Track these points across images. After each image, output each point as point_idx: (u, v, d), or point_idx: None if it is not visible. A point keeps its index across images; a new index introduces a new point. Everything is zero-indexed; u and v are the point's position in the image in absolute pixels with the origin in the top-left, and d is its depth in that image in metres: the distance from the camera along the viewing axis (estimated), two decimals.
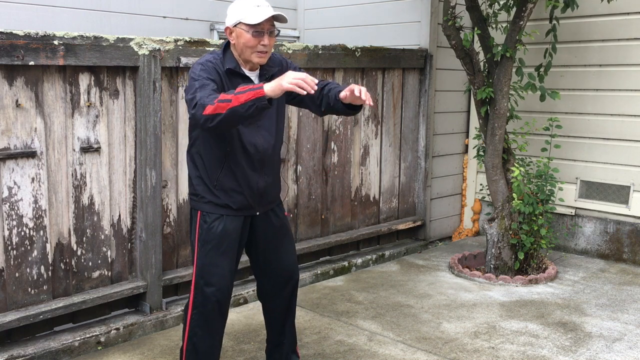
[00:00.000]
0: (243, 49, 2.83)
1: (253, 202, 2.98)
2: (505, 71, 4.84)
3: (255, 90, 2.54)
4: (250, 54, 2.83)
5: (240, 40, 2.82)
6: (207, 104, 2.57)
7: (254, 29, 2.78)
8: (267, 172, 3.00)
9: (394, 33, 5.93)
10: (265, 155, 2.96)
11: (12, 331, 3.52)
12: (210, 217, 2.93)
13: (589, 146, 5.56)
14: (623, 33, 5.28)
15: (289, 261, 3.17)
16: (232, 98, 2.55)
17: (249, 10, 2.78)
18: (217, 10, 6.08)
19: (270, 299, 3.22)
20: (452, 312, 4.32)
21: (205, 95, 2.62)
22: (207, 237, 2.93)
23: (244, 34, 2.80)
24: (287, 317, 3.26)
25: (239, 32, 2.81)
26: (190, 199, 3.04)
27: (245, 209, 2.97)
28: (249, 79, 2.90)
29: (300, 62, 4.69)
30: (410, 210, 5.91)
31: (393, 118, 5.61)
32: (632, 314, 4.30)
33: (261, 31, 2.79)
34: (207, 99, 2.59)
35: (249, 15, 2.77)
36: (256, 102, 2.53)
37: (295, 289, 3.23)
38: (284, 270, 3.16)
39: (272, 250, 3.12)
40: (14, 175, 3.43)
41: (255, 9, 2.78)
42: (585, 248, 5.66)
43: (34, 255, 3.55)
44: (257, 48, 2.82)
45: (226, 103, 2.54)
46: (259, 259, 3.16)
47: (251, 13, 2.77)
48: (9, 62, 3.29)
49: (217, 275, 2.93)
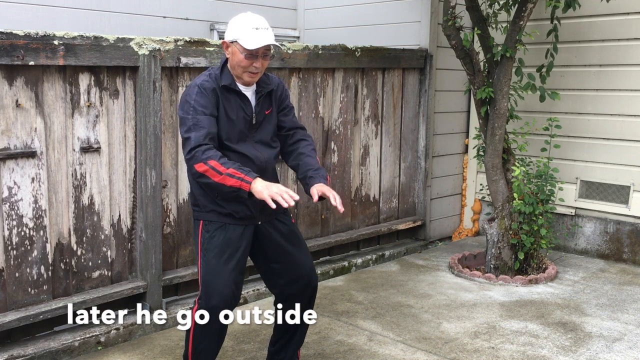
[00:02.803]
0: (235, 66, 2.87)
1: (255, 212, 2.98)
2: (505, 71, 4.84)
3: (243, 182, 2.70)
4: (242, 72, 2.88)
5: (234, 58, 2.86)
6: (200, 161, 2.73)
7: (248, 52, 2.81)
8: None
9: (394, 33, 5.93)
10: (265, 166, 2.98)
11: (12, 331, 3.52)
12: (212, 226, 2.94)
13: (589, 146, 5.56)
14: (623, 33, 5.28)
15: (305, 267, 3.12)
16: (222, 176, 2.71)
17: (247, 33, 2.80)
18: (217, 10, 6.08)
19: (290, 305, 3.16)
20: (452, 312, 4.32)
21: (200, 138, 2.75)
22: (209, 245, 2.93)
23: (238, 54, 2.83)
24: (301, 324, 3.21)
25: (234, 49, 2.85)
26: (192, 210, 3.04)
27: (247, 218, 2.97)
28: (244, 95, 2.93)
29: (301, 62, 4.70)
30: (410, 210, 5.91)
31: (393, 118, 5.61)
32: (632, 314, 4.30)
33: (255, 55, 2.83)
34: (202, 155, 2.73)
35: (246, 39, 2.80)
36: (239, 191, 2.72)
37: (314, 294, 3.17)
38: (302, 277, 3.10)
39: (284, 258, 3.08)
40: (14, 175, 3.44)
41: (254, 32, 2.80)
42: (585, 248, 5.66)
43: (34, 255, 3.56)
44: (249, 69, 2.86)
45: (216, 174, 2.72)
46: (274, 269, 3.11)
47: (248, 37, 2.80)
48: (9, 62, 3.29)
49: (220, 285, 2.90)
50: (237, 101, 2.90)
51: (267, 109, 3.01)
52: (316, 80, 4.91)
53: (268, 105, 3.02)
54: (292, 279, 3.09)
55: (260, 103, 2.98)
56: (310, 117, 4.91)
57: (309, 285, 3.13)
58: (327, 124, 5.07)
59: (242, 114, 2.92)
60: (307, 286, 3.12)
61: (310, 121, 4.92)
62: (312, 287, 3.14)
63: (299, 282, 3.10)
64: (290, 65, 4.64)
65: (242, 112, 2.92)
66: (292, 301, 3.14)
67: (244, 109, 2.92)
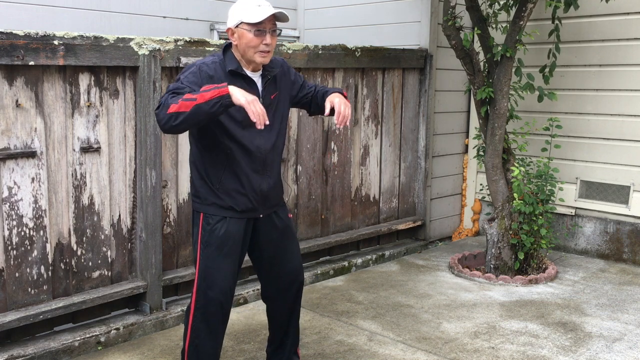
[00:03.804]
0: (245, 49, 2.83)
1: (257, 205, 2.98)
2: (505, 71, 4.84)
3: (220, 89, 2.60)
4: (253, 53, 2.83)
5: (243, 41, 2.82)
6: (170, 103, 2.61)
7: (255, 27, 2.78)
8: (270, 175, 3.01)
9: (394, 33, 5.93)
10: (267, 156, 2.96)
11: (12, 331, 3.52)
12: (213, 219, 2.93)
13: (589, 146, 5.56)
14: (623, 33, 5.28)
15: (293, 263, 3.16)
16: (197, 97, 2.59)
17: (250, 9, 2.79)
18: (217, 10, 6.09)
19: (275, 300, 3.21)
20: (452, 312, 4.32)
21: (169, 97, 2.66)
22: (209, 239, 2.93)
23: (246, 34, 2.80)
24: (291, 319, 3.25)
25: (241, 32, 2.82)
26: (192, 201, 3.03)
27: (248, 211, 2.96)
28: (252, 80, 2.90)
29: (301, 62, 4.70)
30: (410, 210, 5.91)
31: (393, 118, 5.61)
32: (632, 314, 4.30)
33: (263, 30, 2.80)
34: (171, 99, 2.62)
35: (250, 15, 2.78)
36: (221, 99, 2.59)
37: (300, 291, 3.22)
38: (289, 273, 3.14)
39: (276, 252, 3.11)
40: (14, 175, 3.44)
41: (257, 8, 2.79)
42: (585, 248, 5.66)
43: (34, 255, 3.56)
44: (260, 47, 2.82)
45: (190, 102, 2.58)
46: (263, 262, 3.14)
47: (252, 12, 2.78)
48: (9, 62, 3.29)
49: (220, 278, 2.92)
50: (243, 86, 2.84)
51: (272, 93, 2.98)
52: (316, 80, 4.91)
53: (273, 90, 2.99)
54: (281, 273, 3.14)
55: (266, 87, 2.95)
56: (310, 117, 4.91)
57: (296, 280, 3.18)
58: (327, 124, 5.07)
59: None
60: (294, 281, 3.17)
61: (310, 121, 4.92)
62: (298, 282, 3.19)
63: (287, 277, 3.15)
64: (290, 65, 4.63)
65: None
66: (278, 296, 3.19)
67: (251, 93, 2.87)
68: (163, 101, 2.65)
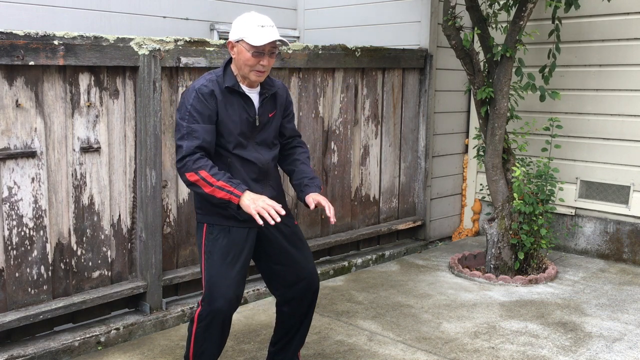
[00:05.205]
0: (242, 65, 2.86)
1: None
2: (505, 71, 4.84)
3: (232, 196, 2.75)
4: (249, 71, 2.86)
5: (241, 57, 2.84)
6: (191, 171, 2.77)
7: (254, 49, 2.80)
8: (271, 184, 3.03)
9: (394, 33, 5.93)
10: (266, 166, 2.99)
11: (12, 331, 3.52)
12: (216, 229, 2.93)
13: (589, 146, 5.56)
14: (623, 33, 5.28)
15: (307, 269, 3.10)
16: (212, 187, 2.76)
17: (253, 30, 2.80)
18: (217, 10, 6.09)
19: (290, 308, 3.15)
20: (452, 312, 4.32)
21: (192, 147, 2.78)
22: (213, 248, 2.92)
23: (245, 52, 2.82)
24: (302, 325, 3.21)
25: (240, 49, 2.84)
26: (195, 213, 3.03)
27: (251, 220, 2.94)
28: (248, 97, 2.92)
29: (300, 62, 4.70)
30: (410, 210, 5.91)
31: (393, 118, 5.61)
32: (632, 314, 4.30)
33: (262, 52, 2.82)
34: (193, 164, 2.77)
35: (252, 36, 2.79)
36: (228, 203, 2.78)
37: (315, 298, 3.16)
38: (303, 279, 3.09)
39: (287, 259, 3.07)
40: (14, 175, 3.44)
41: (259, 29, 2.80)
42: (585, 248, 5.66)
43: (34, 255, 3.56)
44: (256, 67, 2.85)
45: (207, 185, 2.77)
46: (276, 270, 3.10)
47: (254, 34, 2.79)
48: (9, 62, 3.29)
49: (224, 287, 2.88)
50: (240, 103, 2.89)
51: (270, 112, 3.01)
52: (316, 80, 4.91)
53: (272, 108, 3.02)
54: (294, 281, 3.08)
55: (263, 105, 2.97)
56: (310, 117, 4.91)
57: (310, 287, 3.11)
58: (327, 124, 5.07)
59: (245, 116, 2.91)
60: (308, 289, 3.11)
61: (310, 121, 4.92)
62: (313, 289, 3.13)
63: (300, 284, 3.09)
64: (290, 65, 4.64)
65: (245, 114, 2.91)
66: (293, 304, 3.13)
67: (247, 110, 2.91)
68: (184, 153, 2.77)
